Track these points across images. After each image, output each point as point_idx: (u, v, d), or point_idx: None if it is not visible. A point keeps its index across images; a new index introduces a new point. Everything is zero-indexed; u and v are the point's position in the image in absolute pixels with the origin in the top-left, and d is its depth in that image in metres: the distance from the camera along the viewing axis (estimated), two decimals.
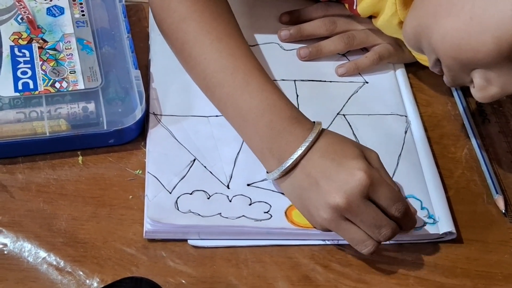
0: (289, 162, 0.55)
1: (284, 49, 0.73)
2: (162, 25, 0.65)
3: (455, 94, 0.72)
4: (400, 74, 0.72)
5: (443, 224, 0.59)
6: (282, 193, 0.59)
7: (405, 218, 0.55)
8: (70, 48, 0.65)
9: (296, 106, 0.66)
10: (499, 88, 0.54)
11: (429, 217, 0.60)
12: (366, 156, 0.55)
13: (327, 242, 0.58)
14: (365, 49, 0.73)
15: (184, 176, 0.60)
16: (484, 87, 0.55)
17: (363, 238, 0.54)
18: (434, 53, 0.57)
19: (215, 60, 0.61)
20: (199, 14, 0.63)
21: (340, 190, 0.52)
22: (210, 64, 0.61)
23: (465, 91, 0.72)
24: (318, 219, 0.54)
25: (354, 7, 0.68)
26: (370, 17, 0.70)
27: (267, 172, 0.58)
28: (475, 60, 0.53)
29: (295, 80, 0.70)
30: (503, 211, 0.63)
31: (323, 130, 0.57)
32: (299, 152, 0.55)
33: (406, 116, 0.68)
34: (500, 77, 0.53)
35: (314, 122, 0.58)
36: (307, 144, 0.55)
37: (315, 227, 0.56)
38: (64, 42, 0.65)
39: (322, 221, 0.54)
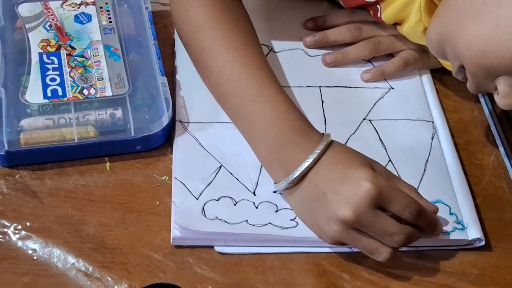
0: (297, 173, 0.55)
1: (309, 55, 0.73)
2: (180, 33, 0.66)
3: (481, 100, 0.71)
4: (426, 79, 0.72)
5: (472, 231, 0.59)
6: None
7: (421, 220, 0.54)
8: (98, 55, 0.65)
9: (322, 112, 0.67)
10: None
11: (458, 222, 0.60)
12: (373, 166, 0.55)
13: (354, 250, 0.58)
14: (390, 55, 0.72)
15: (211, 182, 0.60)
16: (508, 94, 0.55)
17: (377, 246, 0.54)
18: (458, 59, 0.56)
19: (230, 69, 0.62)
20: (215, 22, 0.63)
21: (348, 202, 0.52)
22: (224, 72, 0.62)
23: (492, 97, 0.70)
24: (328, 232, 0.54)
25: (379, 15, 0.68)
26: (395, 24, 0.69)
27: (274, 183, 0.58)
28: (500, 67, 0.53)
29: (320, 86, 0.70)
30: None
31: (331, 142, 0.57)
32: (306, 163, 0.55)
33: (432, 122, 0.68)
34: None
35: (323, 133, 0.58)
36: (314, 156, 0.55)
37: (324, 240, 0.56)
38: (92, 49, 0.66)
39: (333, 234, 0.54)
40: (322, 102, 0.68)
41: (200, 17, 0.64)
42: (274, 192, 0.59)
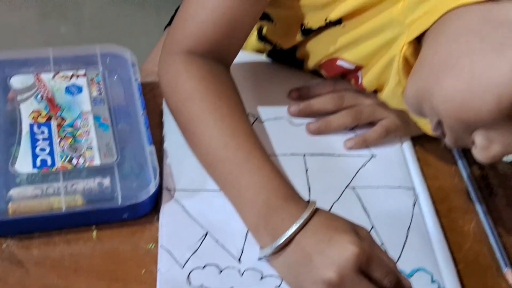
0: (283, 238, 0.56)
1: (294, 124, 0.74)
2: (169, 103, 0.68)
3: (461, 167, 0.73)
4: (407, 147, 0.74)
5: None
6: None
7: None
8: (87, 126, 0.66)
9: (306, 179, 0.68)
10: (501, 147, 0.54)
11: None
12: (358, 231, 0.56)
13: None
14: (372, 123, 0.74)
15: (196, 250, 0.60)
16: (486, 147, 0.55)
17: None
18: (436, 115, 0.57)
19: (218, 139, 0.63)
20: (203, 93, 0.65)
21: (333, 265, 0.53)
22: (213, 142, 0.63)
23: (471, 165, 0.73)
24: None
25: (360, 82, 0.71)
26: (376, 92, 0.72)
27: (260, 249, 0.59)
28: (478, 119, 0.53)
29: (304, 154, 0.71)
30: None
31: (317, 209, 0.58)
32: (293, 228, 0.56)
33: (413, 189, 0.69)
34: (502, 136, 0.54)
35: (308, 200, 0.59)
36: (301, 221, 0.56)
37: None
38: (82, 120, 0.67)
39: None
40: (306, 169, 0.69)
41: (188, 88, 0.66)
42: (259, 258, 0.59)
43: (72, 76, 0.71)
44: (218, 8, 0.65)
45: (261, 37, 0.77)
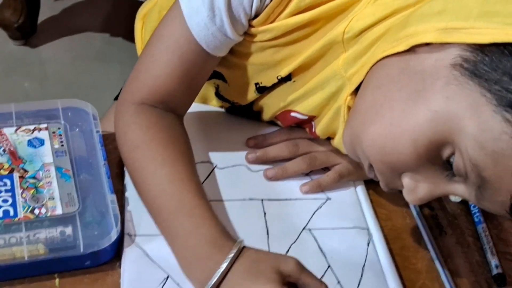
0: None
1: (252, 171, 0.76)
2: (120, 152, 0.70)
3: (412, 208, 0.75)
4: (360, 190, 0.76)
5: None
6: None
7: None
8: (50, 177, 0.67)
9: (264, 223, 0.69)
10: (426, 189, 0.57)
11: None
12: (283, 268, 0.58)
13: None
14: (326, 168, 0.76)
15: None
16: (412, 189, 0.57)
17: None
18: (366, 159, 0.60)
19: (157, 186, 0.65)
20: (147, 143, 0.67)
21: None
22: (152, 190, 0.65)
23: (422, 206, 0.75)
24: None
25: (313, 130, 0.74)
26: (329, 139, 0.74)
27: None
28: (399, 163, 0.56)
29: (262, 199, 0.72)
30: None
31: (242, 249, 0.60)
32: (214, 278, 0.57)
33: (367, 229, 0.71)
34: (426, 179, 0.56)
35: (236, 241, 0.60)
36: (221, 269, 0.57)
37: None
38: (44, 171, 0.68)
39: None
40: (264, 213, 0.71)
41: (135, 137, 0.68)
42: None
43: (34, 129, 0.72)
44: (171, 62, 0.67)
45: (218, 95, 0.80)
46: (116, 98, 1.01)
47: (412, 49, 0.55)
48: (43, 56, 1.95)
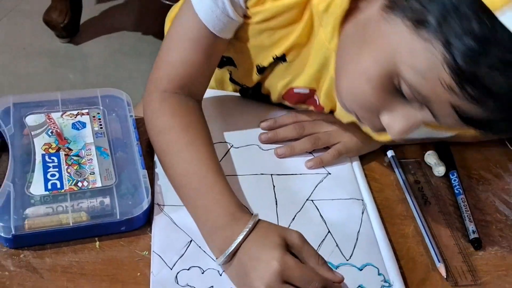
0: (224, 257, 0.58)
1: (263, 149, 0.75)
2: (148, 135, 0.70)
3: (401, 182, 0.74)
4: (356, 166, 0.75)
5: (397, 287, 0.61)
6: None
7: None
8: (90, 155, 0.67)
9: (273, 195, 0.69)
10: (401, 123, 0.55)
11: (385, 281, 0.62)
12: (288, 238, 0.58)
13: None
14: (328, 147, 0.76)
15: (183, 255, 0.61)
16: (390, 125, 0.56)
17: None
18: (352, 110, 0.60)
19: (180, 166, 0.65)
20: (171, 129, 0.67)
21: (262, 279, 0.56)
22: (176, 169, 0.66)
23: (410, 180, 0.75)
24: None
25: (318, 103, 0.73)
26: (332, 112, 0.74)
27: (216, 258, 0.61)
28: (368, 103, 0.56)
29: (272, 174, 0.72)
30: (445, 276, 0.64)
31: (257, 222, 0.60)
32: (233, 246, 0.58)
33: (362, 200, 0.71)
34: (399, 114, 0.55)
35: (252, 215, 0.61)
36: (239, 239, 0.58)
37: None
38: (86, 150, 0.68)
39: None
40: (274, 186, 0.71)
41: (160, 123, 0.68)
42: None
43: (77, 114, 0.72)
44: (185, 49, 0.68)
45: (232, 80, 0.80)
46: None
47: (357, 6, 0.57)
48: (85, 51, 1.96)
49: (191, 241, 0.63)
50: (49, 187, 0.63)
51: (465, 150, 0.80)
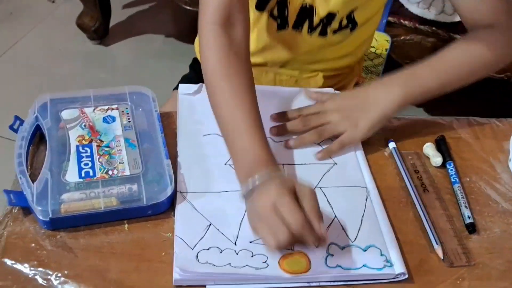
0: (245, 191, 0.62)
1: (275, 141, 0.75)
2: (201, 64, 0.72)
3: (402, 172, 0.73)
4: (360, 155, 0.74)
5: (398, 267, 0.61)
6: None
7: (305, 231, 0.58)
8: (120, 146, 0.67)
9: None
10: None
11: (387, 261, 0.61)
12: (299, 187, 0.60)
13: (311, 284, 0.59)
14: (334, 137, 0.75)
15: (203, 237, 0.61)
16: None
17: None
18: None
19: (226, 108, 0.68)
20: (221, 72, 0.69)
21: (258, 207, 0.59)
22: (222, 110, 0.68)
23: (410, 170, 0.74)
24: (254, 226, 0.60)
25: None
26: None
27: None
28: None
29: (283, 164, 0.72)
30: (442, 258, 0.63)
31: (276, 170, 0.63)
32: (256, 182, 0.61)
33: (366, 188, 0.70)
34: None
35: (278, 164, 0.64)
36: (256, 182, 0.61)
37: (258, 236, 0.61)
38: (115, 141, 0.68)
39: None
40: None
41: (211, 64, 0.70)
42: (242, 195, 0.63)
43: (107, 109, 0.72)
44: None
45: None
46: (175, 88, 1.00)
47: None
48: (114, 53, 1.96)
49: (210, 225, 0.63)
50: (83, 175, 0.63)
51: (461, 142, 0.79)
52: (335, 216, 0.66)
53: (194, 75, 1.02)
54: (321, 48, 0.88)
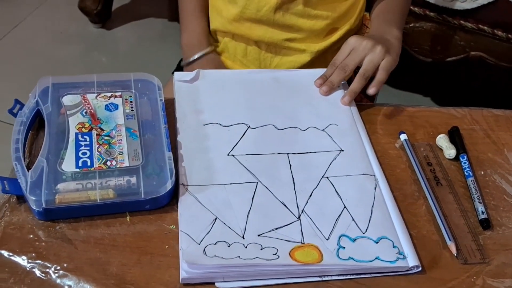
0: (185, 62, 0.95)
1: (278, 129, 0.72)
2: None
3: (413, 163, 0.71)
4: (366, 143, 0.72)
5: (411, 259, 0.59)
6: (287, 240, 0.59)
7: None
8: (120, 135, 0.65)
9: (290, 173, 0.67)
10: None
11: (400, 253, 0.59)
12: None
13: (323, 279, 0.57)
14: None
15: (209, 231, 0.59)
16: None
17: None
18: None
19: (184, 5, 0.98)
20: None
21: None
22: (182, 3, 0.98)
23: (421, 161, 0.72)
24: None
25: None
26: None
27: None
28: None
29: (288, 153, 0.69)
30: (455, 254, 0.62)
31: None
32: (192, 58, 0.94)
33: (374, 176, 0.67)
34: None
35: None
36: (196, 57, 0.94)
37: None
38: (116, 130, 0.66)
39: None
40: (290, 165, 0.68)
41: None
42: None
43: (111, 96, 0.70)
44: None
45: None
46: (173, 72, 0.99)
47: None
48: (116, 36, 1.94)
49: (216, 219, 0.61)
50: (80, 164, 0.61)
51: (474, 134, 0.77)
52: (345, 207, 0.64)
53: None
54: None
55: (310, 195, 0.64)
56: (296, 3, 0.87)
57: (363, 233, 0.61)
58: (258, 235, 0.59)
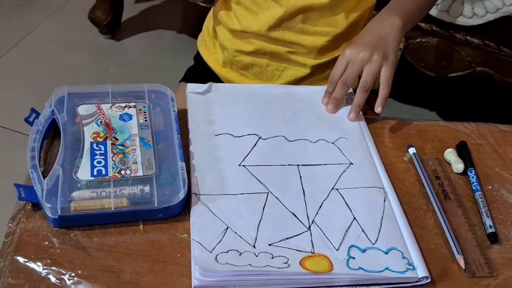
0: None
1: (289, 141, 0.73)
2: None
3: (422, 177, 0.72)
4: (375, 157, 0.73)
5: (421, 270, 0.59)
6: (297, 250, 0.60)
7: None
8: (134, 145, 0.66)
9: (300, 184, 0.67)
10: None
11: (409, 264, 0.60)
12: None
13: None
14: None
15: (221, 240, 0.60)
16: None
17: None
18: None
19: None
20: None
21: None
22: None
23: (430, 175, 0.73)
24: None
25: None
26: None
27: None
28: None
29: (298, 165, 0.70)
30: (464, 268, 0.62)
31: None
32: None
33: (383, 188, 0.68)
34: None
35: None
36: None
37: None
38: (131, 140, 0.67)
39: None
40: (300, 177, 0.68)
41: None
42: None
43: (125, 106, 0.71)
44: None
45: None
46: (181, 80, 1.02)
47: None
48: (125, 47, 1.96)
49: (227, 228, 0.61)
50: (95, 173, 0.62)
51: (482, 149, 0.78)
52: (354, 218, 0.64)
53: (199, 66, 1.02)
54: None
55: (320, 206, 0.65)
56: (295, 21, 0.88)
57: (373, 244, 0.62)
58: (269, 245, 0.60)
